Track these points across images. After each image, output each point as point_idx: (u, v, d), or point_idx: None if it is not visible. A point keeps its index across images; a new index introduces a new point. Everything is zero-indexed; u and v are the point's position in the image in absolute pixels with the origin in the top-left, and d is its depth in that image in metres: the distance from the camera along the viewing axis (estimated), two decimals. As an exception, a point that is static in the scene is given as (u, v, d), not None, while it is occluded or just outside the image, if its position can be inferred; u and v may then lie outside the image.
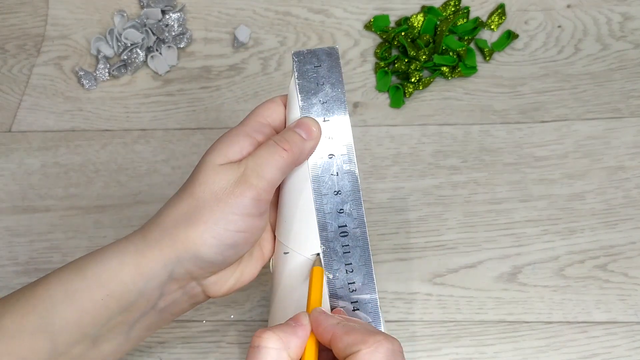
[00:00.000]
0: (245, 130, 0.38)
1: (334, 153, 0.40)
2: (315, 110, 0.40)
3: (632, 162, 0.55)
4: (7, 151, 0.60)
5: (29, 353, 0.35)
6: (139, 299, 0.36)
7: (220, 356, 0.48)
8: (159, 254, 0.36)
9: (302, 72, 0.40)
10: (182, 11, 0.67)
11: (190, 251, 0.36)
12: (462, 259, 0.51)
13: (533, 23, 0.64)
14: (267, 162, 0.36)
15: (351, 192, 0.40)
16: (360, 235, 0.40)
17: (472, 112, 0.59)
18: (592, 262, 0.50)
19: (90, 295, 0.35)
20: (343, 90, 0.40)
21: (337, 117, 0.40)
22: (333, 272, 0.40)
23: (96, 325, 0.36)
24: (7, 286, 0.51)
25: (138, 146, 0.59)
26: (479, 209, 0.53)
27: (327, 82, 0.40)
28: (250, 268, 0.40)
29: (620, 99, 0.58)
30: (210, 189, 0.36)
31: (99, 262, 0.36)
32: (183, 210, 0.36)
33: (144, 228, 0.37)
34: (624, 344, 0.46)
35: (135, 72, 0.64)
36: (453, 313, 0.48)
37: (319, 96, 0.40)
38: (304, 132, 0.38)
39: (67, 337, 0.35)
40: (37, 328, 0.35)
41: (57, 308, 0.35)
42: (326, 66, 0.41)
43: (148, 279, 0.36)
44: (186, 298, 0.38)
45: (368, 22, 0.65)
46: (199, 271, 0.37)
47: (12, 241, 0.54)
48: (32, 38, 0.67)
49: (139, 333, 0.38)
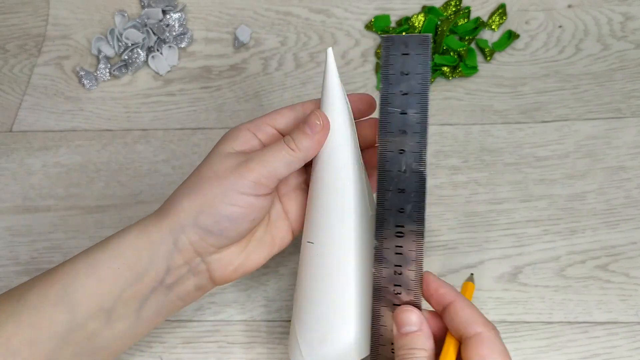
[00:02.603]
0: (248, 126, 0.41)
1: (404, 149, 0.38)
2: (394, 101, 0.38)
3: (633, 162, 0.55)
4: (8, 151, 0.60)
5: (48, 323, 0.37)
6: (150, 269, 0.38)
7: (221, 356, 0.48)
8: (166, 222, 0.39)
9: (388, 59, 0.38)
10: (182, 11, 0.67)
11: (190, 218, 0.38)
12: (462, 259, 0.51)
13: (534, 23, 0.64)
14: (272, 155, 0.39)
15: (416, 193, 0.38)
16: (415, 240, 0.38)
17: (472, 112, 0.59)
18: (593, 262, 0.50)
19: (109, 264, 0.38)
20: (428, 83, 0.38)
21: (414, 112, 0.38)
22: (381, 269, 0.38)
23: (112, 296, 0.38)
24: (8, 286, 0.51)
25: (139, 146, 0.59)
26: (480, 209, 0.53)
27: (413, 72, 0.38)
28: (256, 254, 0.42)
29: (621, 99, 0.58)
30: (213, 169, 0.39)
31: (121, 236, 0.39)
32: (189, 185, 0.40)
33: (160, 207, 0.40)
34: (625, 344, 0.46)
35: (136, 72, 0.64)
36: (454, 313, 0.48)
37: (401, 86, 0.38)
38: (308, 127, 0.39)
39: (86, 308, 0.37)
40: (59, 299, 0.37)
41: (80, 278, 0.38)
42: (415, 55, 0.38)
43: (156, 247, 0.38)
44: (192, 277, 0.40)
45: (369, 22, 0.65)
46: (200, 242, 0.39)
47: (13, 241, 0.54)
48: (33, 38, 0.67)
49: (148, 314, 0.39)
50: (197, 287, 0.41)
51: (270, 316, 0.49)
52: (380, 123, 0.38)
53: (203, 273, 0.40)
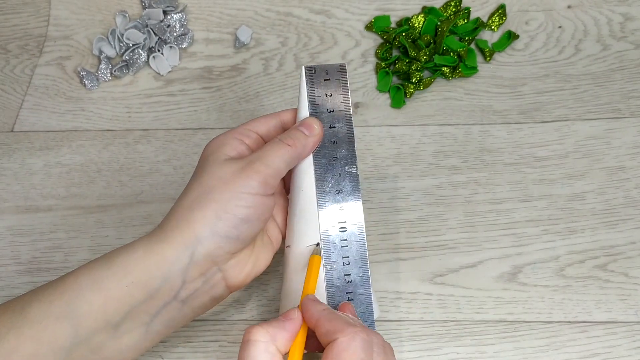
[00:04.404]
0: (233, 134, 0.42)
1: (337, 156, 0.43)
2: (322, 119, 0.44)
3: (632, 162, 0.55)
4: (9, 151, 0.60)
5: (51, 338, 0.36)
6: (163, 286, 0.38)
7: (222, 355, 0.48)
8: (180, 237, 0.38)
9: (312, 84, 0.44)
10: (183, 12, 0.67)
11: (207, 228, 0.38)
12: (462, 258, 0.51)
13: (533, 23, 0.64)
14: (272, 153, 0.40)
15: (351, 191, 0.43)
16: (357, 232, 0.42)
17: (472, 112, 0.59)
18: (593, 262, 0.50)
19: (116, 282, 0.37)
20: (349, 102, 0.45)
21: (340, 125, 0.44)
22: (331, 264, 0.41)
23: (120, 313, 0.37)
24: (9, 285, 0.52)
25: (140, 146, 0.59)
26: (480, 208, 0.53)
27: (335, 93, 0.44)
28: (264, 253, 0.43)
29: (620, 99, 0.58)
30: (217, 176, 0.39)
31: (125, 252, 0.38)
32: (194, 196, 0.39)
33: (161, 223, 0.40)
34: (624, 344, 0.46)
35: (137, 73, 0.65)
36: (453, 313, 0.48)
37: (327, 105, 0.44)
38: (306, 129, 0.42)
39: (91, 323, 0.37)
40: (63, 313, 0.37)
41: (84, 294, 0.37)
42: (335, 80, 0.45)
43: (171, 263, 0.38)
44: (207, 288, 0.40)
45: (369, 23, 0.65)
46: (217, 251, 0.39)
47: (14, 241, 0.55)
48: (34, 38, 0.68)
49: (158, 328, 0.39)
50: (212, 298, 0.41)
51: (270, 315, 0.49)
52: None
53: (219, 282, 0.40)
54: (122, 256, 0.38)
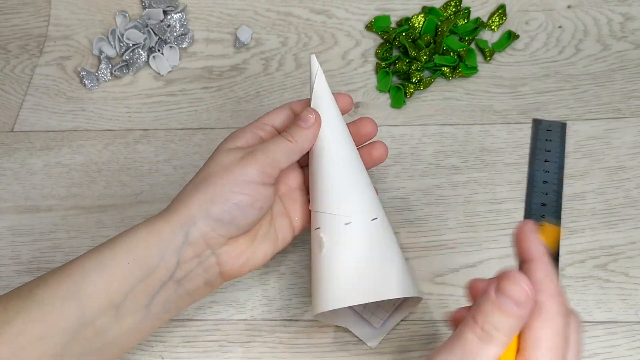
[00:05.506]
0: (250, 127, 0.45)
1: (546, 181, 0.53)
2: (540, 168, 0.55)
3: (633, 162, 0.55)
4: (9, 151, 0.60)
5: (58, 318, 0.37)
6: (160, 264, 0.39)
7: (221, 355, 0.48)
8: (177, 217, 0.40)
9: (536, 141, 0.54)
10: (183, 12, 0.67)
11: (202, 209, 0.40)
12: (462, 258, 0.51)
13: (534, 23, 0.64)
14: (273, 146, 0.42)
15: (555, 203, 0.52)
16: None
17: (472, 112, 0.59)
18: (593, 261, 0.50)
19: (118, 261, 0.39)
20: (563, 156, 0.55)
21: (552, 172, 0.55)
22: None
23: (121, 292, 0.38)
24: (9, 285, 0.52)
25: (140, 146, 0.59)
26: (480, 208, 0.53)
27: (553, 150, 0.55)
28: (263, 248, 0.43)
29: (620, 99, 0.58)
30: (219, 163, 0.41)
31: (129, 234, 0.40)
32: (196, 181, 0.41)
33: (167, 206, 0.41)
34: (624, 344, 0.46)
35: (137, 73, 0.65)
36: (454, 312, 0.48)
37: None
38: (302, 122, 0.43)
39: (95, 303, 0.38)
40: (69, 294, 0.37)
41: (89, 275, 0.38)
42: (555, 139, 0.55)
43: (167, 241, 0.39)
44: (201, 271, 0.41)
45: (369, 23, 0.65)
46: (211, 233, 0.40)
47: (14, 240, 0.55)
48: (34, 38, 0.68)
49: (157, 310, 0.40)
50: (207, 282, 0.42)
51: (271, 315, 0.49)
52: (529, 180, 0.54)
53: (213, 267, 0.41)
54: (125, 237, 0.40)
